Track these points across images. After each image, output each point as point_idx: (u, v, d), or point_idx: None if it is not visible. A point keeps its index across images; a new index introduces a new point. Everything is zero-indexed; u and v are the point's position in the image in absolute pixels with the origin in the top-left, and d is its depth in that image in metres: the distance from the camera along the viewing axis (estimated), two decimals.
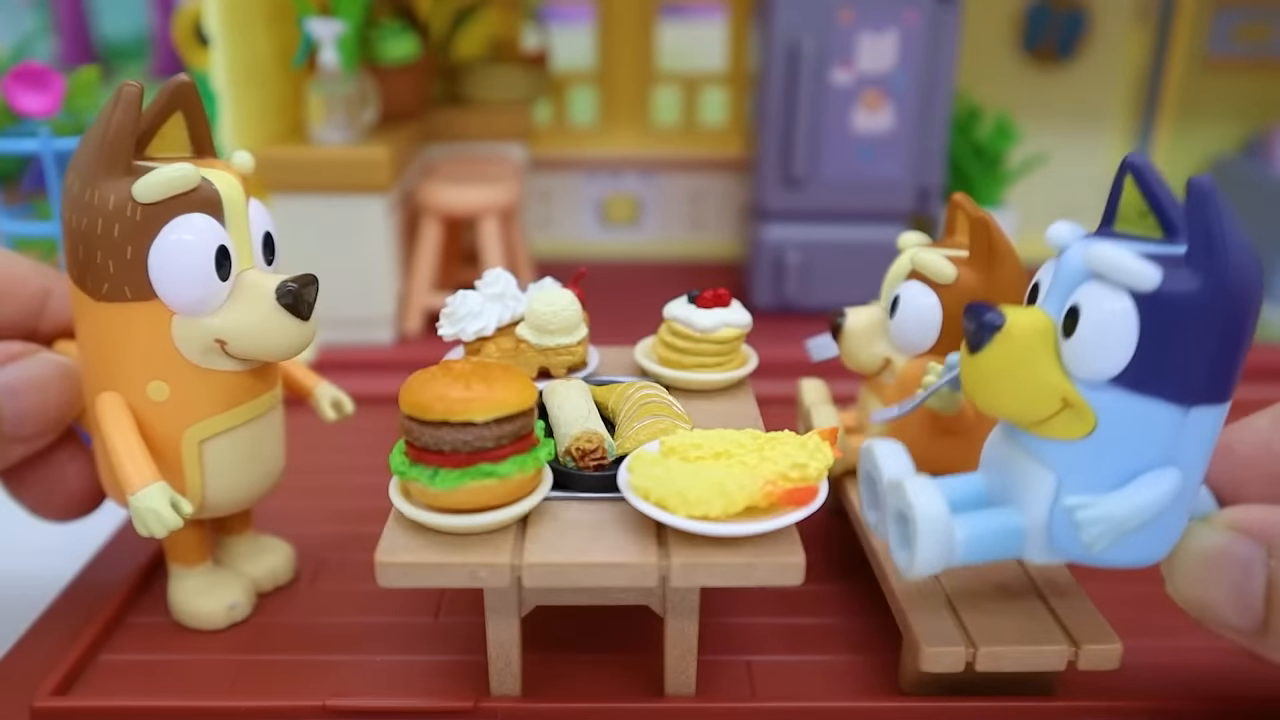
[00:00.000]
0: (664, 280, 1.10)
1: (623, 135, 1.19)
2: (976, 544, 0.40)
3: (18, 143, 0.75)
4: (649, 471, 0.41)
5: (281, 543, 0.55)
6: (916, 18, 0.90)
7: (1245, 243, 0.36)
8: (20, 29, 1.52)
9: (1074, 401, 0.37)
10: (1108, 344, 0.36)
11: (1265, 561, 0.38)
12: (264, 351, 0.45)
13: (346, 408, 0.56)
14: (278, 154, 0.85)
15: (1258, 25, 1.11)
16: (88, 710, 0.45)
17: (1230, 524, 0.39)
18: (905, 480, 0.41)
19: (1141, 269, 0.35)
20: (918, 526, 0.39)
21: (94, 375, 0.45)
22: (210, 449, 0.46)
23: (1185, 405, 0.37)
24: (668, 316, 0.55)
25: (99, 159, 0.42)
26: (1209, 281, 0.35)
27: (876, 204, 0.96)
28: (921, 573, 0.40)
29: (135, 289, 0.43)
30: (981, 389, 0.39)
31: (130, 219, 0.42)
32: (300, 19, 0.87)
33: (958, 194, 0.53)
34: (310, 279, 0.45)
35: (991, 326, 0.37)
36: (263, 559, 0.54)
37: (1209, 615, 0.40)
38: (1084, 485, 0.38)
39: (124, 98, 0.42)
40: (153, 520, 0.43)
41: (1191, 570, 0.40)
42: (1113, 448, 0.38)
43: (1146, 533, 0.38)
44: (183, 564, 0.51)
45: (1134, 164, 0.38)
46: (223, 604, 0.50)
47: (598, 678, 0.47)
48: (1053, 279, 0.39)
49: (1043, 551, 0.40)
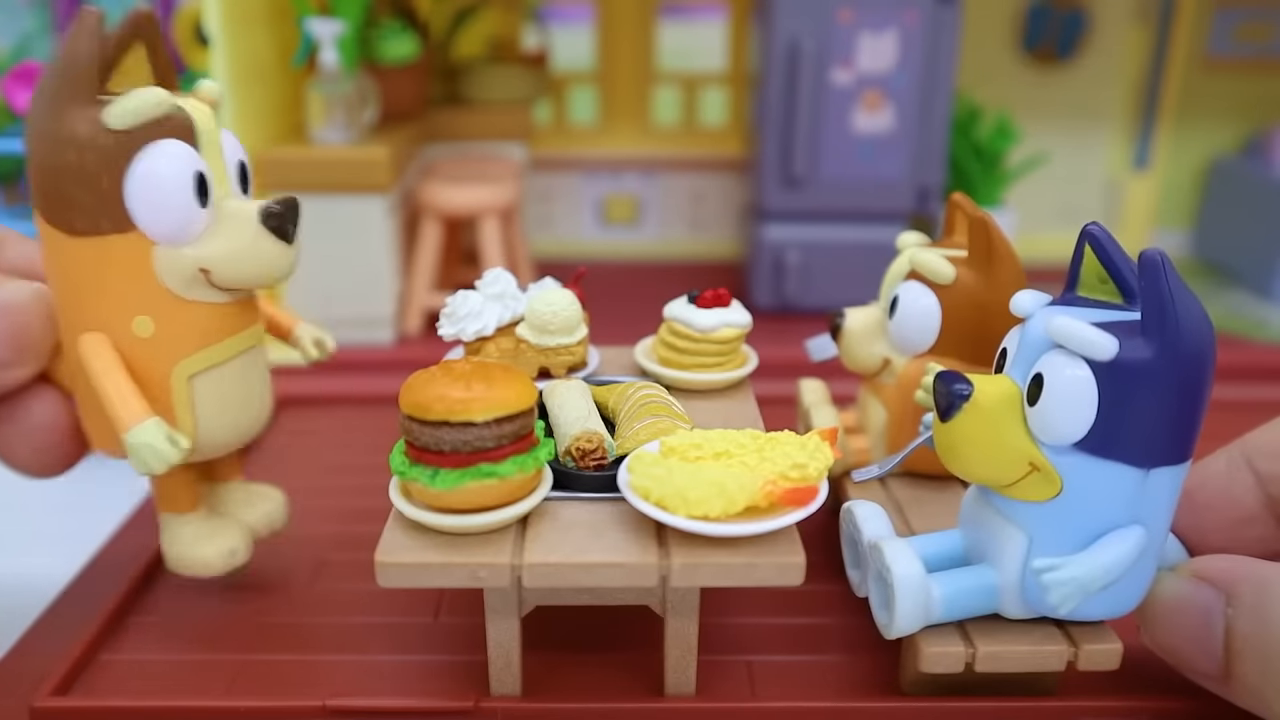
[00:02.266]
0: (664, 280, 1.10)
1: (623, 135, 1.19)
2: (954, 602, 0.42)
3: (18, 143, 0.75)
4: (649, 471, 0.41)
5: (274, 489, 0.54)
6: (916, 18, 0.90)
7: (1197, 309, 0.37)
8: (20, 29, 1.52)
9: (1041, 466, 0.39)
10: (1070, 410, 0.38)
11: (1223, 610, 0.40)
12: (250, 278, 0.44)
13: (328, 345, 0.55)
14: (278, 154, 0.85)
15: (1258, 25, 1.11)
16: (88, 710, 0.45)
17: (1193, 573, 0.41)
18: (883, 543, 0.43)
19: (1098, 340, 0.37)
20: (895, 589, 0.41)
21: (73, 316, 0.44)
22: (200, 385, 0.45)
23: (1145, 467, 0.38)
24: (668, 316, 0.55)
25: (64, 87, 0.41)
26: (1163, 349, 0.37)
27: (876, 204, 0.96)
28: (901, 632, 0.42)
29: (113, 221, 0.41)
30: (953, 454, 0.41)
31: (103, 147, 0.40)
32: (300, 19, 0.87)
33: (957, 194, 0.54)
34: (292, 200, 0.44)
35: (960, 396, 0.39)
36: (258, 506, 0.53)
37: (1176, 660, 0.42)
38: (1053, 544, 0.40)
39: (84, 23, 0.41)
40: (150, 455, 0.42)
41: (1159, 617, 0.42)
42: (1079, 509, 0.39)
43: (1114, 588, 0.40)
44: (175, 511, 0.49)
45: (1091, 234, 0.40)
46: (223, 549, 0.49)
47: (598, 678, 0.47)
48: (1018, 347, 0.41)
49: (1018, 608, 0.42)
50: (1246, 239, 1.06)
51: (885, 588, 0.42)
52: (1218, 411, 0.43)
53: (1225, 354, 0.40)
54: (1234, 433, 0.47)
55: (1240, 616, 0.39)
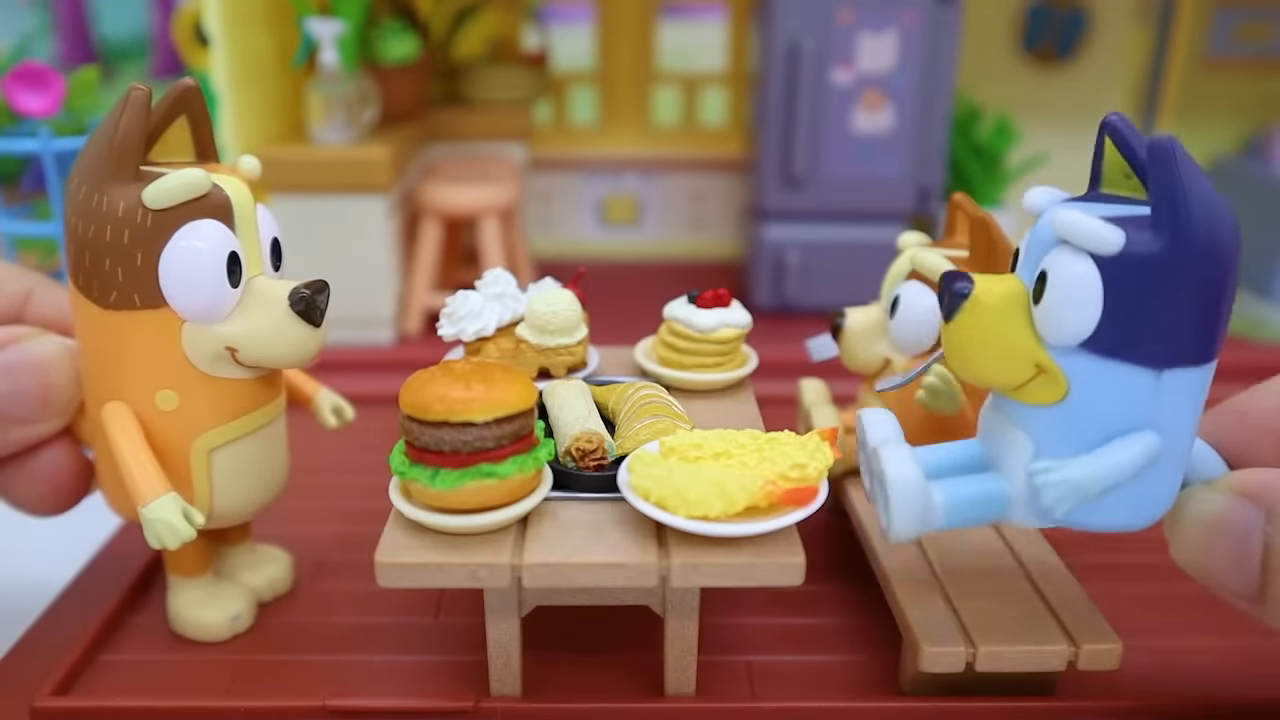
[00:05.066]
0: (664, 280, 1.10)
1: (623, 135, 1.19)
2: (958, 509, 0.40)
3: (18, 143, 0.75)
4: (649, 471, 0.41)
5: (280, 552, 0.55)
6: (916, 18, 0.90)
7: (1214, 201, 0.35)
8: (20, 29, 1.52)
9: (1046, 367, 0.37)
10: (1073, 308, 0.36)
11: (1263, 526, 0.37)
12: (275, 359, 0.44)
13: (347, 414, 0.55)
14: (278, 154, 0.85)
15: (1258, 25, 1.11)
16: (88, 710, 0.45)
17: (1231, 488, 0.39)
18: (881, 447, 0.41)
19: (1103, 232, 0.35)
20: (889, 492, 0.39)
21: (99, 384, 0.45)
22: (219, 458, 0.45)
23: (1157, 369, 0.36)
24: (668, 316, 0.55)
25: (107, 164, 0.41)
26: (1174, 243, 0.35)
27: (876, 204, 0.96)
28: (900, 537, 0.40)
29: (145, 296, 0.42)
30: (957, 355, 0.39)
31: (140, 225, 0.41)
32: (300, 19, 0.87)
33: (958, 194, 0.54)
34: (322, 285, 0.44)
35: (961, 294, 0.37)
36: (262, 569, 0.53)
37: (1209, 580, 0.39)
38: (1059, 449, 0.38)
39: (133, 101, 0.41)
40: (165, 532, 0.42)
41: (1192, 534, 0.39)
42: (1086, 413, 0.37)
43: (1126, 496, 0.38)
44: (183, 575, 0.50)
45: (1111, 124, 0.38)
46: (225, 615, 0.50)
47: (598, 678, 0.47)
48: (1027, 245, 0.39)
49: (1026, 516, 0.40)
50: (1246, 239, 1.05)
51: (884, 490, 0.40)
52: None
53: (1225, 354, 0.39)
54: None
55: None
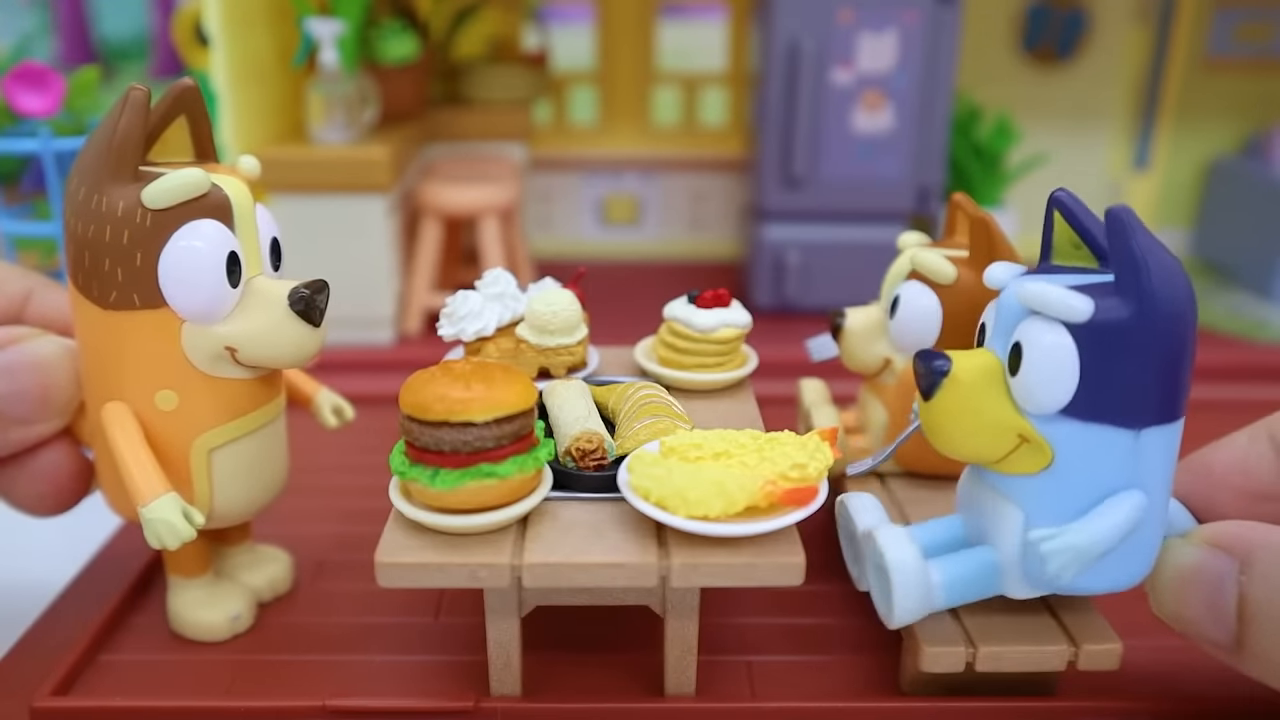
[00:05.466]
0: (664, 280, 1.10)
1: (623, 135, 1.19)
2: (955, 586, 0.41)
3: (18, 143, 0.75)
4: (649, 471, 0.41)
5: (280, 552, 0.55)
6: (916, 18, 0.90)
7: (1171, 264, 0.37)
8: (20, 29, 1.52)
9: (1030, 436, 0.38)
10: (1052, 377, 0.37)
11: (1237, 577, 0.38)
12: (274, 358, 0.44)
13: (347, 414, 0.55)
14: (278, 154, 0.85)
15: (1258, 25, 1.11)
16: (88, 710, 0.45)
17: (1204, 540, 0.40)
18: (877, 531, 0.42)
19: (1071, 301, 0.36)
20: (891, 576, 0.40)
21: (98, 385, 0.45)
22: (219, 458, 0.45)
23: (1136, 429, 0.38)
24: (668, 316, 0.55)
25: (106, 164, 0.41)
26: (1140, 306, 0.36)
27: (876, 204, 0.96)
28: (903, 622, 0.41)
29: (144, 297, 0.42)
30: (939, 433, 0.40)
31: (140, 225, 0.41)
32: (300, 19, 0.87)
33: (958, 194, 0.53)
34: (322, 285, 0.44)
35: (939, 372, 0.39)
36: (262, 569, 0.53)
37: (1188, 629, 0.40)
38: (1050, 516, 0.39)
39: (132, 101, 0.41)
40: (165, 532, 0.42)
41: (1169, 586, 0.41)
42: (1073, 477, 0.39)
43: (1118, 556, 0.39)
44: (183, 575, 0.50)
45: (1059, 199, 0.39)
46: (225, 615, 0.50)
47: (598, 678, 0.47)
48: (995, 319, 0.40)
49: (1021, 586, 0.41)
50: (1246, 239, 1.06)
51: (883, 577, 0.41)
52: (1218, 411, 0.43)
53: (1225, 354, 0.39)
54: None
55: (1254, 584, 0.38)
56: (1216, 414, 0.53)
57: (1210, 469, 0.44)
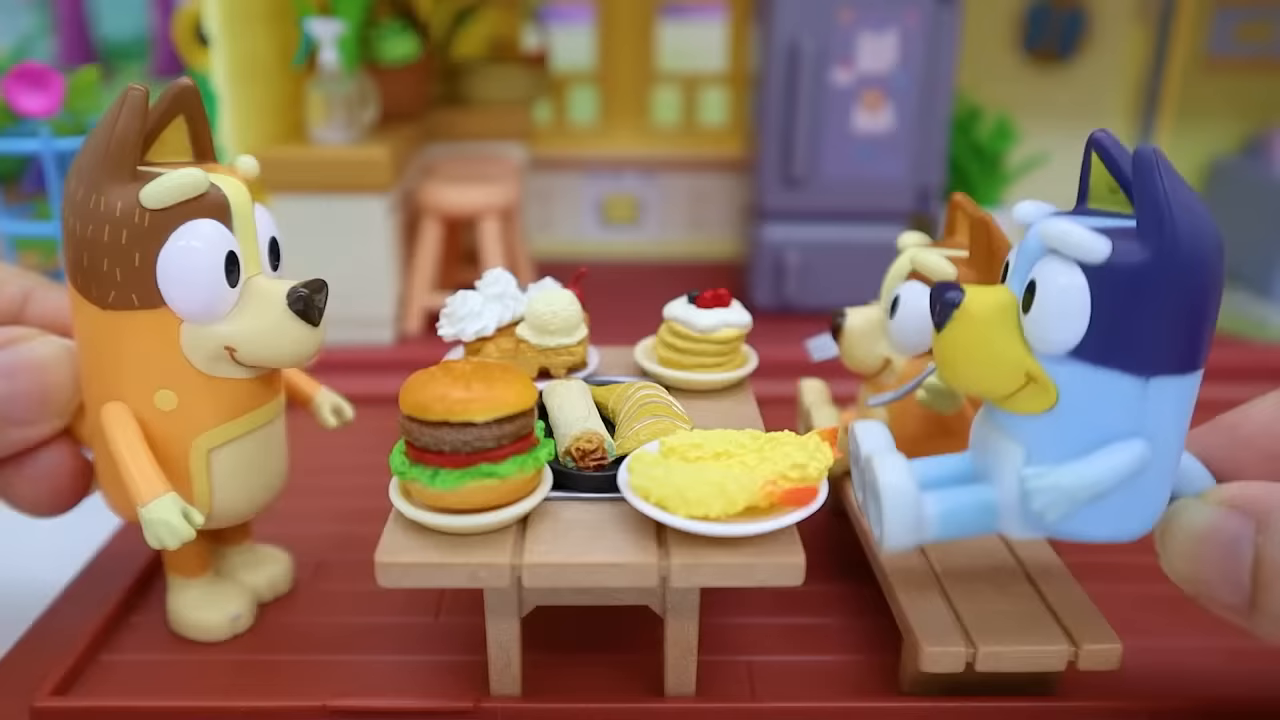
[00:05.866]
0: (664, 280, 1.10)
1: (623, 135, 1.19)
2: (950, 519, 0.40)
3: (18, 143, 0.75)
4: (649, 471, 0.41)
5: (280, 552, 0.55)
6: (916, 18, 0.90)
7: (1198, 211, 0.36)
8: (20, 29, 1.52)
9: (1036, 375, 0.38)
10: (1062, 317, 0.37)
11: (1253, 538, 0.37)
12: (274, 358, 0.44)
13: (346, 414, 0.55)
14: (278, 154, 0.85)
15: (1258, 25, 1.11)
16: (88, 710, 0.45)
17: (1221, 500, 0.39)
18: (874, 456, 0.41)
19: (1090, 242, 0.36)
20: (882, 501, 0.40)
21: (97, 385, 0.44)
22: (218, 458, 0.45)
23: (1144, 376, 0.37)
24: (668, 317, 0.55)
25: (104, 164, 0.41)
26: (1158, 252, 0.35)
27: (876, 204, 0.96)
28: (892, 547, 0.40)
29: (143, 297, 0.42)
30: (949, 364, 0.39)
31: (138, 225, 0.41)
32: (300, 19, 0.87)
33: (958, 194, 0.53)
34: (320, 284, 0.44)
35: (951, 304, 0.38)
36: (262, 569, 0.53)
37: (1200, 591, 0.39)
38: (1050, 456, 0.38)
39: (130, 101, 0.41)
40: (165, 532, 0.42)
41: (1182, 546, 0.39)
42: (1076, 420, 0.38)
43: (1117, 505, 0.38)
44: (183, 575, 0.50)
45: (1098, 140, 0.38)
46: (225, 615, 0.50)
47: (598, 678, 0.47)
48: (1017, 256, 0.39)
49: (1018, 525, 0.40)
50: (1246, 239, 1.06)
51: (877, 501, 0.41)
52: (1218, 412, 0.43)
53: (1225, 354, 0.39)
54: None
55: (1271, 545, 0.37)
56: (1216, 414, 0.53)
57: (1236, 429, 0.43)
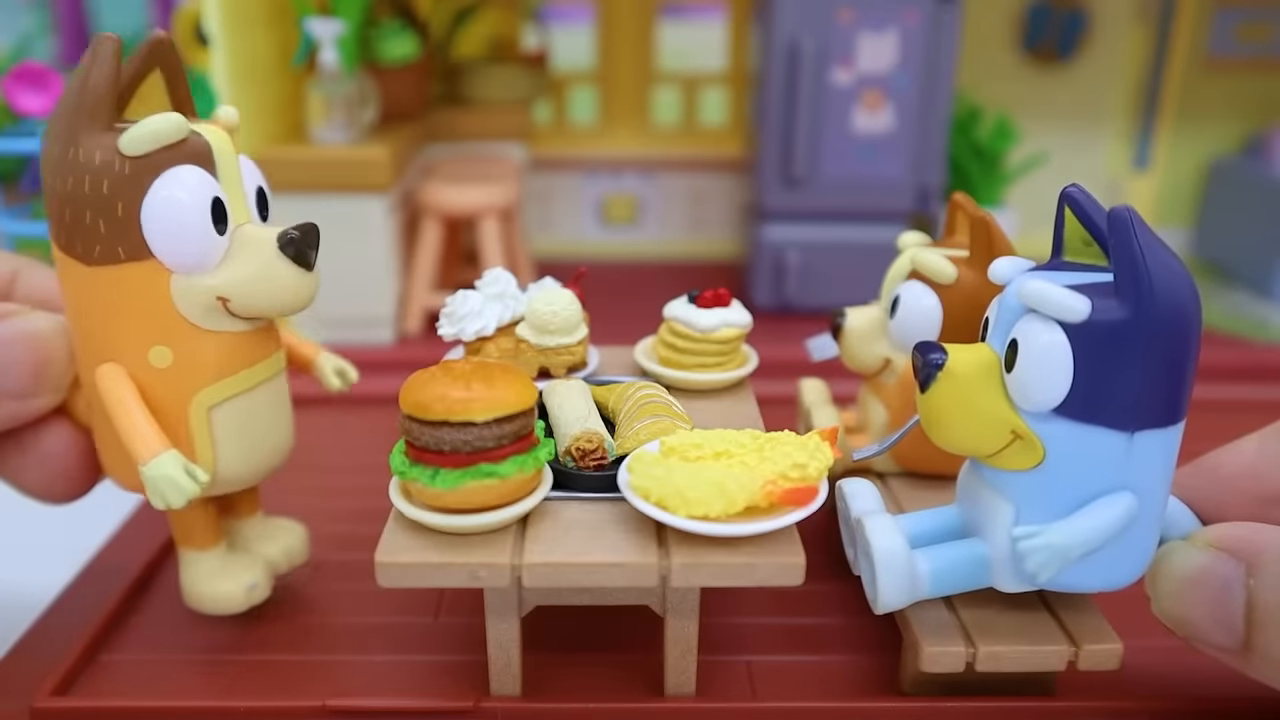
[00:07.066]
0: (664, 280, 1.10)
1: (623, 135, 1.19)
2: (943, 577, 0.41)
3: (18, 143, 0.75)
4: (649, 471, 0.41)
5: (294, 523, 0.54)
6: (916, 18, 0.90)
7: (1174, 267, 0.36)
8: (20, 29, 1.52)
9: (1022, 433, 0.38)
10: (1046, 375, 0.37)
11: (1244, 581, 0.38)
12: (268, 306, 0.43)
13: (350, 375, 0.54)
14: (278, 154, 0.85)
15: (1258, 25, 1.11)
16: (88, 710, 0.45)
17: (1209, 542, 0.40)
18: (865, 519, 0.42)
19: (1069, 301, 0.36)
20: (875, 565, 0.41)
21: (90, 346, 0.43)
22: (219, 416, 0.44)
23: (1129, 431, 0.37)
24: (668, 316, 0.55)
25: (79, 115, 0.40)
26: (1137, 309, 0.36)
27: (876, 204, 0.96)
28: (887, 608, 0.41)
29: (129, 249, 0.40)
30: (935, 424, 0.40)
31: (119, 174, 0.40)
32: (300, 19, 0.87)
33: (958, 194, 0.53)
34: (311, 226, 0.43)
35: (935, 365, 0.39)
36: (277, 539, 0.52)
37: (1191, 633, 0.40)
38: (1039, 513, 0.39)
39: (100, 51, 0.40)
40: (168, 488, 0.41)
41: (1173, 589, 0.40)
42: (1063, 476, 0.39)
43: (1109, 557, 0.39)
44: (195, 548, 0.49)
45: (1070, 195, 0.39)
46: (241, 585, 0.48)
47: (598, 678, 0.47)
48: (997, 314, 0.40)
49: (1010, 580, 0.41)
50: (1246, 239, 1.06)
51: (870, 563, 0.41)
52: (1218, 412, 0.43)
53: (1225, 354, 0.39)
54: (1235, 433, 0.47)
55: (1263, 587, 0.37)
56: (1216, 414, 0.53)
57: (1218, 471, 0.43)
